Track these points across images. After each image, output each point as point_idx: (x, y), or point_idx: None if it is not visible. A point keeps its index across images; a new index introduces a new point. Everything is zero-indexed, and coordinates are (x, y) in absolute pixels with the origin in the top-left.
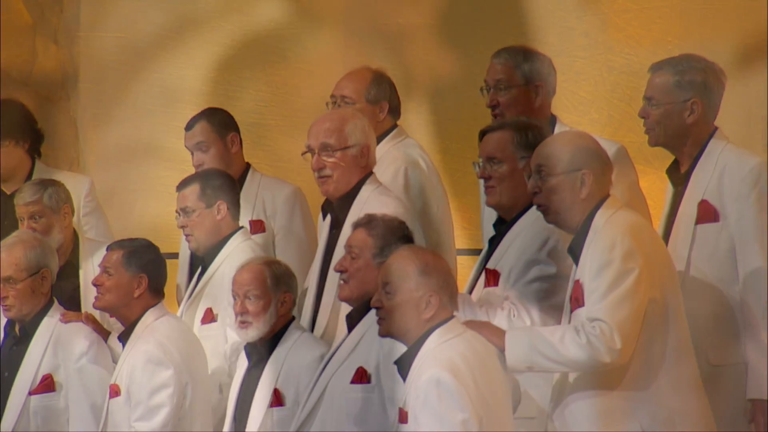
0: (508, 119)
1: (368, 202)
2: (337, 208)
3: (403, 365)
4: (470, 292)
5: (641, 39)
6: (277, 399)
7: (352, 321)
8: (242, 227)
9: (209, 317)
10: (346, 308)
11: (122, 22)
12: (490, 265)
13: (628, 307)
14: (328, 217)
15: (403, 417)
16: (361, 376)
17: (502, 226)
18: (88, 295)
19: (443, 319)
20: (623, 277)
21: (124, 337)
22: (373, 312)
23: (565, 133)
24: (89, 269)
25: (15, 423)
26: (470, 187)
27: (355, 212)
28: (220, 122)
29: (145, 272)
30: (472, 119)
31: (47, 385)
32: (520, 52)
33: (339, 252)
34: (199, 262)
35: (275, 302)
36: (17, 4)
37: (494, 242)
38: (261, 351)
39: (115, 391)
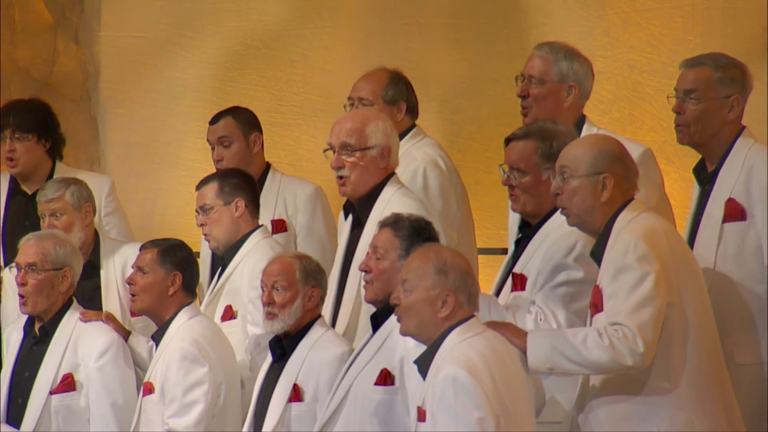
0: (534, 126)
1: (390, 203)
2: (358, 208)
3: (423, 364)
4: (497, 295)
5: (662, 38)
6: (296, 394)
7: (377, 321)
8: (261, 225)
9: (229, 314)
10: (366, 309)
11: (142, 22)
12: (516, 269)
13: (649, 311)
14: (350, 217)
15: (421, 415)
16: (385, 378)
17: (528, 229)
18: (108, 294)
19: (462, 318)
20: (641, 281)
21: (157, 337)
22: None
23: (591, 136)
24: (110, 269)
25: (36, 423)
26: (491, 187)
27: (377, 213)
28: (245, 120)
29: (179, 270)
30: (492, 118)
31: (68, 384)
32: (562, 49)
33: (360, 252)
34: (220, 261)
35: (302, 296)
36: (38, 4)
37: (520, 244)
38: (285, 346)
39: (149, 389)
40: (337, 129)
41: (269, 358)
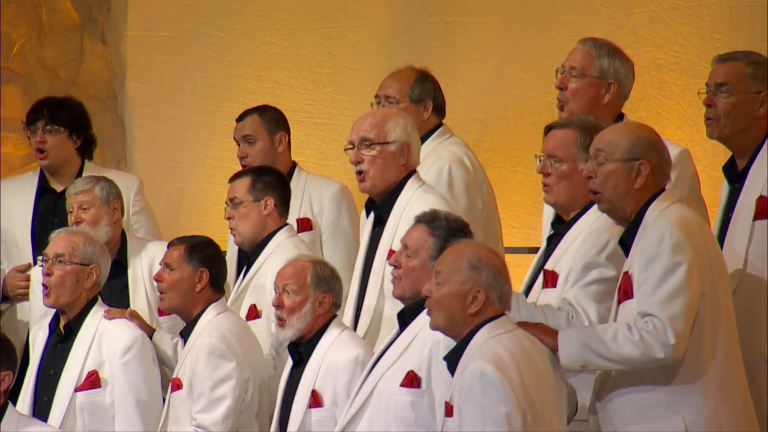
0: (576, 117)
1: (412, 200)
2: (380, 205)
3: (451, 361)
4: (527, 291)
5: (690, 36)
6: (315, 400)
7: (405, 319)
8: (287, 224)
9: (253, 313)
10: (390, 309)
11: (169, 21)
12: (548, 266)
13: (681, 302)
14: (371, 215)
15: (448, 411)
16: (411, 381)
17: (561, 226)
18: (136, 293)
19: (492, 315)
20: (672, 270)
21: (185, 333)
22: (425, 312)
23: (628, 122)
24: (137, 267)
25: (62, 420)
26: (517, 186)
27: (398, 210)
28: (271, 119)
29: (207, 266)
30: (519, 117)
31: (93, 381)
32: (605, 46)
33: (381, 250)
34: (245, 260)
35: (312, 301)
36: (65, 3)
37: (552, 241)
38: (302, 350)
39: (177, 385)
40: (358, 125)
41: (290, 362)
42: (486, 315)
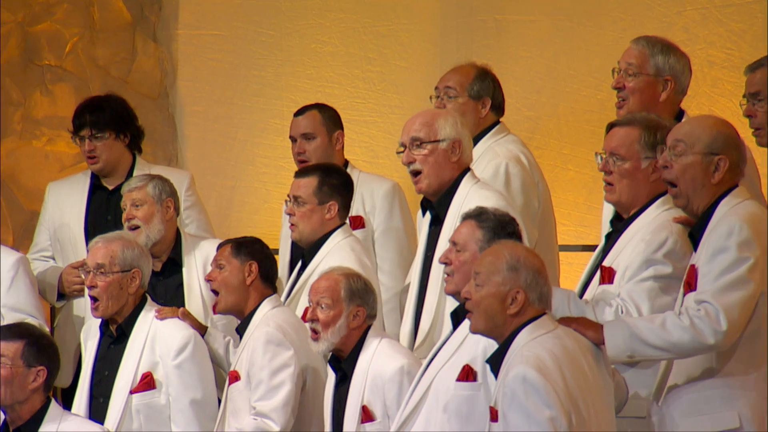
0: (639, 115)
1: (468, 197)
2: (436, 204)
3: (494, 363)
4: (584, 288)
5: (743, 33)
6: (366, 415)
7: (458, 317)
8: (344, 223)
9: None
10: (450, 306)
11: (220, 20)
12: (606, 263)
13: (739, 294)
14: (428, 214)
15: (493, 415)
16: (467, 374)
17: (619, 223)
18: (191, 291)
19: (532, 316)
20: (736, 264)
21: (241, 329)
22: None
23: (709, 116)
24: (192, 266)
25: (118, 422)
26: (568, 184)
27: (456, 207)
28: (330, 117)
29: (254, 259)
30: (569, 115)
31: (148, 383)
32: (659, 43)
33: (440, 249)
34: (299, 255)
35: (346, 315)
36: (117, 2)
37: (611, 238)
38: (344, 366)
39: (234, 377)
40: (408, 126)
41: (332, 375)
42: (526, 316)
